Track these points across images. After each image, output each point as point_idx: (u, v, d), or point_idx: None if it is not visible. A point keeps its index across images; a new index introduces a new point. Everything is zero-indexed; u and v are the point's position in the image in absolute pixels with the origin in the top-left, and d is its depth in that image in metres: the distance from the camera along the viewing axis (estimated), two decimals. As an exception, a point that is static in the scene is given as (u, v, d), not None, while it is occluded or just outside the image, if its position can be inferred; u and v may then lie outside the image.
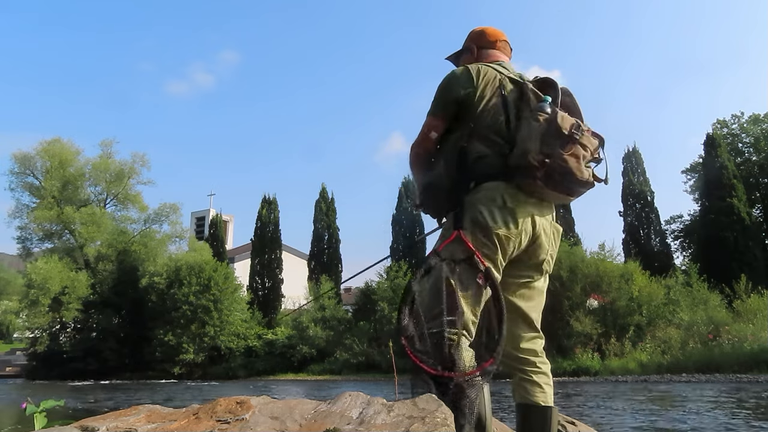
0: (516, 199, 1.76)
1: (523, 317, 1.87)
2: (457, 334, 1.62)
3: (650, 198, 30.16)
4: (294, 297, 31.86)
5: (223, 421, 1.19)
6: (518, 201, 1.76)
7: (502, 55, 2.10)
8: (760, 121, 33.10)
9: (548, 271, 1.90)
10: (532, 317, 1.88)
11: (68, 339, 31.98)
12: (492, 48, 2.10)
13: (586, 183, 1.75)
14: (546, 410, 1.83)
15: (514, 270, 1.85)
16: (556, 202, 1.87)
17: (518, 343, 1.88)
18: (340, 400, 1.28)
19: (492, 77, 1.88)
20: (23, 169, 34.10)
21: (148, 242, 33.89)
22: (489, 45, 2.11)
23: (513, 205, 1.75)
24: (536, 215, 1.79)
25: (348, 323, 28.63)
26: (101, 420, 1.26)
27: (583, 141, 1.72)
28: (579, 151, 1.71)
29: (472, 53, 2.11)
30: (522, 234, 1.76)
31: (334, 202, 35.88)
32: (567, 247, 22.87)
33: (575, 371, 19.65)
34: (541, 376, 1.86)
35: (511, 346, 1.89)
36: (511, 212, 1.74)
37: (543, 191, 1.75)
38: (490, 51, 2.10)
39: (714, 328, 19.30)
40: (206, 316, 29.31)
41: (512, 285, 1.86)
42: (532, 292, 1.89)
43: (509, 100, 1.84)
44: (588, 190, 1.80)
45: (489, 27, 2.15)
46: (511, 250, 1.76)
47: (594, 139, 1.76)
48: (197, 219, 50.90)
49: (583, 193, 1.81)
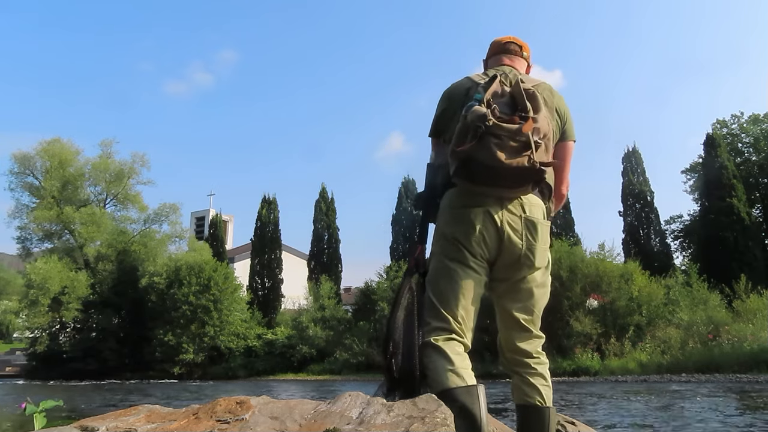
0: (460, 199, 1.80)
1: (512, 318, 1.86)
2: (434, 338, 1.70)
3: (650, 198, 30.18)
4: (294, 297, 31.90)
5: (222, 421, 1.19)
6: (463, 200, 1.80)
7: (507, 58, 2.09)
8: (760, 121, 33.11)
9: (535, 266, 1.84)
10: (520, 317, 1.85)
11: (68, 339, 31.97)
12: (498, 53, 2.12)
13: (517, 169, 1.68)
14: (544, 411, 1.83)
15: (496, 272, 1.84)
16: (515, 196, 1.81)
17: (512, 345, 1.87)
18: (339, 400, 1.29)
19: (462, 90, 1.90)
20: (23, 169, 34.09)
21: (148, 242, 33.90)
22: (495, 52, 2.14)
23: (458, 204, 1.80)
24: (492, 211, 1.77)
25: (348, 323, 28.64)
26: (101, 420, 1.26)
27: (493, 130, 1.66)
28: (489, 140, 1.66)
29: (484, 65, 2.18)
30: (484, 232, 1.76)
31: (334, 202, 35.94)
32: (567, 247, 22.89)
33: (575, 371, 19.65)
34: (537, 377, 1.86)
35: (505, 347, 1.90)
36: (458, 213, 1.79)
37: (479, 187, 1.75)
38: (496, 57, 2.12)
39: (714, 328, 19.31)
40: (206, 316, 29.33)
41: (497, 288, 1.87)
42: (519, 293, 1.85)
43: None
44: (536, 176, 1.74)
45: (503, 36, 2.19)
46: (479, 249, 1.77)
47: (513, 125, 1.68)
48: (197, 219, 50.92)
49: (528, 180, 1.75)
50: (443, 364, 1.65)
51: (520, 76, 1.88)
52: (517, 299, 1.85)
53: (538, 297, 1.87)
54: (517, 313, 1.85)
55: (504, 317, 1.88)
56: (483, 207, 1.77)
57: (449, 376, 1.62)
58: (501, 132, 1.66)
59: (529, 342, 1.87)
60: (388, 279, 27.69)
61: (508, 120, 1.68)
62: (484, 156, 1.66)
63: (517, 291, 1.85)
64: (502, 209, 1.78)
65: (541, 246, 1.83)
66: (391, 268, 28.13)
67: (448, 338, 1.72)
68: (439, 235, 1.85)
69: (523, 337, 1.87)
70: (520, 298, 1.85)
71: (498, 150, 1.66)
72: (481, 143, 1.66)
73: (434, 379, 1.65)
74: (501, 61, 2.09)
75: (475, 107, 1.69)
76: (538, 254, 1.82)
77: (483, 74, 1.98)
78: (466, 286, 1.77)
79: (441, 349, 1.68)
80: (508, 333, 1.88)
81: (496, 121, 1.67)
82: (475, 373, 1.69)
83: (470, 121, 1.66)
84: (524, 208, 1.80)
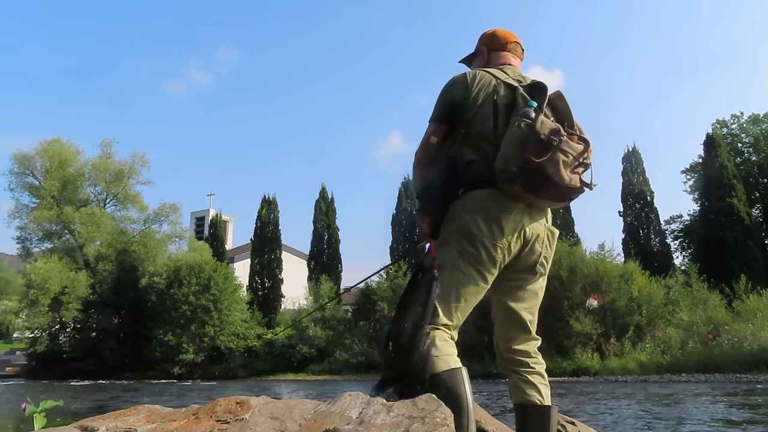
0: (501, 205, 1.75)
1: (516, 319, 1.87)
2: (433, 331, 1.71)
3: (650, 198, 30.18)
4: (294, 297, 31.91)
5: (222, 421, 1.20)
6: (504, 207, 1.75)
7: (512, 57, 2.09)
8: (760, 121, 33.13)
9: (543, 273, 1.89)
10: (526, 319, 1.88)
11: (68, 339, 31.96)
12: (502, 50, 2.09)
13: (572, 188, 1.73)
14: (544, 409, 1.84)
15: (507, 273, 1.84)
16: (547, 207, 1.86)
17: (511, 345, 1.88)
18: (339, 400, 1.29)
19: (487, 83, 1.88)
20: (23, 169, 34.07)
21: (148, 242, 33.88)
22: (499, 47, 2.10)
23: (498, 211, 1.75)
24: (526, 220, 1.78)
25: (348, 323, 28.64)
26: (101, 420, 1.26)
27: (563, 147, 1.69)
28: (558, 156, 1.68)
29: (483, 56, 2.11)
30: (511, 240, 1.76)
31: (333, 202, 35.95)
32: (567, 247, 22.89)
33: (575, 371, 19.65)
34: (536, 376, 1.87)
35: (504, 347, 1.91)
36: (497, 219, 1.74)
37: (527, 197, 1.75)
38: (500, 53, 2.09)
39: (714, 328, 19.31)
40: (206, 316, 29.32)
41: (505, 287, 1.87)
42: (525, 294, 1.88)
43: (500, 105, 1.84)
44: (578, 195, 1.79)
45: (500, 29, 2.15)
46: (500, 256, 1.76)
47: (579, 144, 1.73)
48: (197, 219, 50.91)
49: (572, 198, 1.81)
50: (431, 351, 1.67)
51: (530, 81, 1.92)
52: (524, 299, 1.87)
53: (539, 300, 1.91)
54: (523, 313, 1.87)
55: (508, 316, 1.88)
56: (518, 214, 1.77)
57: (435, 361, 1.65)
58: (568, 150, 1.70)
59: (528, 343, 1.90)
60: (388, 279, 27.68)
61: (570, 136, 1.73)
62: (552, 170, 1.67)
63: (525, 292, 1.87)
64: (531, 218, 1.79)
65: (552, 254, 1.89)
66: (391, 268, 28.13)
67: (436, 329, 1.74)
68: (460, 233, 1.78)
69: (524, 337, 1.89)
70: (526, 299, 1.88)
71: (564, 167, 1.69)
72: (549, 158, 1.68)
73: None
74: (506, 59, 2.08)
75: (546, 120, 1.71)
76: (549, 262, 1.88)
77: (499, 69, 1.97)
78: (471, 292, 1.77)
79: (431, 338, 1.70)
80: (509, 332, 1.89)
81: (567, 138, 1.70)
82: (475, 373, 1.70)
83: (546, 134, 1.67)
84: (546, 218, 1.85)
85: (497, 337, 1.93)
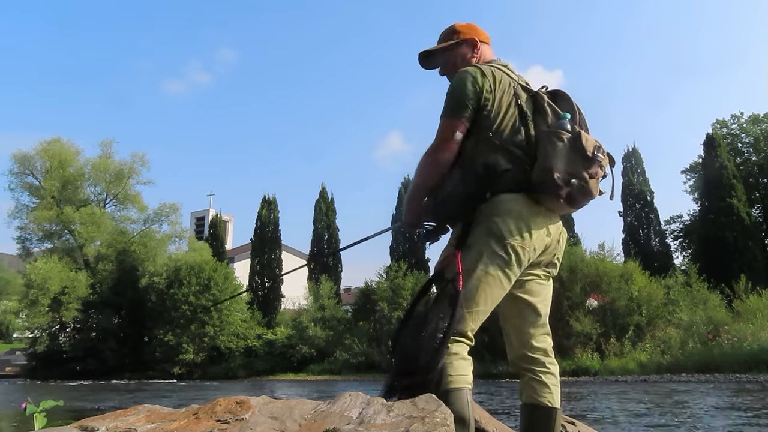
0: (530, 209, 1.75)
1: (533, 310, 1.87)
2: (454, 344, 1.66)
3: (650, 198, 30.17)
4: (294, 297, 31.91)
5: (222, 421, 1.19)
6: (534, 212, 1.76)
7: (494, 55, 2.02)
8: (760, 121, 33.12)
9: (554, 274, 1.93)
10: (542, 312, 1.88)
11: (68, 339, 31.98)
12: (487, 46, 2.01)
13: (593, 197, 1.80)
14: (551, 411, 1.83)
15: (527, 269, 1.85)
16: (562, 212, 1.88)
17: (529, 341, 1.87)
18: (339, 400, 1.28)
19: (507, 84, 1.81)
20: (23, 169, 34.10)
21: (148, 242, 33.89)
22: (486, 40, 2.01)
23: (529, 216, 1.74)
24: (549, 224, 1.81)
25: (348, 323, 28.63)
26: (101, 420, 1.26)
27: (602, 162, 1.75)
28: (598, 172, 1.74)
29: (474, 47, 1.97)
30: (537, 243, 1.77)
31: (333, 202, 35.94)
32: (567, 247, 22.53)
33: (575, 371, 19.65)
34: (550, 376, 1.87)
35: (520, 344, 1.88)
36: (527, 223, 1.73)
37: (560, 205, 1.77)
38: (490, 48, 2.02)
39: (714, 328, 19.32)
40: (206, 316, 29.31)
41: (518, 283, 1.83)
42: (540, 288, 1.89)
43: (526, 111, 1.80)
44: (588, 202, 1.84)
45: (477, 26, 2.04)
46: (527, 259, 1.75)
47: (607, 157, 1.81)
48: (197, 219, 50.93)
49: (585, 204, 1.85)
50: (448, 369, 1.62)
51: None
52: (539, 293, 1.89)
53: (550, 297, 1.94)
54: (539, 306, 1.88)
55: (523, 311, 1.87)
56: (543, 218, 1.79)
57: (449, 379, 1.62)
58: (604, 164, 1.78)
59: (545, 339, 1.90)
60: (388, 279, 27.68)
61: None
62: (593, 185, 1.75)
63: (540, 286, 1.89)
64: (551, 220, 1.82)
65: (562, 255, 1.94)
66: (391, 268, 28.12)
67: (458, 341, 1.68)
68: (490, 236, 1.71)
69: (541, 333, 1.89)
70: (541, 293, 1.89)
71: (598, 180, 1.77)
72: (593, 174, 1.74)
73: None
74: (494, 57, 2.00)
75: (589, 136, 1.75)
76: (560, 263, 1.93)
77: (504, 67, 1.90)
78: (498, 296, 1.76)
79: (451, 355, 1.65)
80: (526, 328, 1.87)
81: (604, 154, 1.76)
82: (475, 373, 1.70)
83: (591, 150, 1.71)
84: (560, 221, 1.88)
85: (511, 337, 1.90)
